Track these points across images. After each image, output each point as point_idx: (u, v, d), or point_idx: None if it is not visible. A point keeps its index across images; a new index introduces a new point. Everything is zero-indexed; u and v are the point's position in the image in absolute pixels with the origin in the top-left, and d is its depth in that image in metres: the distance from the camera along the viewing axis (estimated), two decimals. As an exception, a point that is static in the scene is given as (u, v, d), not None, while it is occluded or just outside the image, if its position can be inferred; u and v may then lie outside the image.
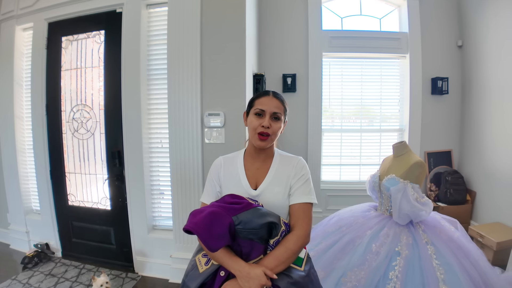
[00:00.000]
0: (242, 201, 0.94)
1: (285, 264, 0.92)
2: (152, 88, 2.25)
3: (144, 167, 2.23)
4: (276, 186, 1.04)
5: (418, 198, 1.57)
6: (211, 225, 0.85)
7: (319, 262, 1.55)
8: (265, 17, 3.11)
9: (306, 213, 1.01)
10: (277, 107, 1.05)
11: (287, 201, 1.04)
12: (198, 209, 0.94)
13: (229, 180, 1.09)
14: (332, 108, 3.33)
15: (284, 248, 0.93)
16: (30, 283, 2.16)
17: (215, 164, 1.14)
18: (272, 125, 1.04)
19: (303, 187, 1.04)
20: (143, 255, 2.32)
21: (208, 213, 0.87)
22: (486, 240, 2.33)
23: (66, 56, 2.43)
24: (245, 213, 0.89)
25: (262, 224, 0.89)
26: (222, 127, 2.06)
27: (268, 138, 1.04)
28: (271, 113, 1.04)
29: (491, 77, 2.75)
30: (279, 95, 1.09)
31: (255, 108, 1.05)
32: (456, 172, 3.03)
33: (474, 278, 1.35)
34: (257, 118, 1.04)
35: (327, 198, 3.25)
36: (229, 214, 0.88)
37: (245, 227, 0.88)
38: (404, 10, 3.18)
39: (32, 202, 2.74)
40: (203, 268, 0.97)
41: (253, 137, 1.05)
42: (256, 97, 1.09)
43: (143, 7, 2.18)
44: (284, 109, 1.08)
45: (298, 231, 0.98)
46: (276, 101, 1.06)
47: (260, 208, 0.94)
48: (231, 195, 1.01)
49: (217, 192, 1.10)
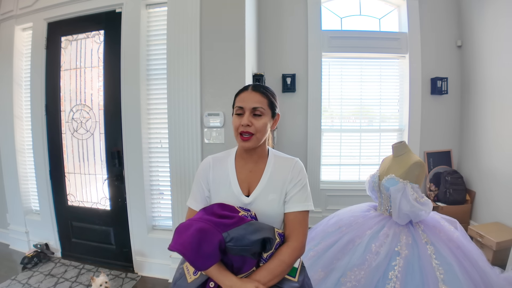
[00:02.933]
0: (233, 215, 0.86)
1: (279, 277, 0.87)
2: (151, 88, 2.25)
3: (144, 167, 2.22)
4: (271, 192, 0.96)
5: (417, 198, 1.57)
6: (199, 244, 0.77)
7: (318, 262, 1.55)
8: (265, 17, 3.12)
9: (302, 222, 0.95)
10: (258, 102, 0.94)
11: (282, 209, 0.96)
12: (184, 223, 0.85)
13: (219, 185, 0.99)
14: (331, 108, 3.34)
15: (279, 262, 0.87)
16: (29, 283, 2.16)
17: (203, 165, 1.03)
18: (254, 122, 0.93)
19: (300, 193, 0.96)
20: (143, 255, 2.32)
21: (196, 230, 0.79)
22: (486, 240, 2.33)
23: (65, 56, 2.43)
24: (237, 229, 0.81)
25: (255, 240, 0.82)
26: (222, 127, 2.06)
27: (252, 137, 0.94)
28: (250, 109, 0.93)
29: (491, 77, 2.75)
30: (260, 88, 0.97)
31: (235, 106, 0.97)
32: (455, 172, 3.04)
33: (473, 278, 1.35)
34: (238, 117, 0.95)
35: (327, 198, 3.25)
36: (219, 230, 0.80)
37: (237, 244, 0.80)
38: (403, 10, 3.18)
39: (32, 202, 2.73)
40: (191, 278, 0.90)
41: (236, 138, 0.96)
42: (237, 94, 0.99)
43: (143, 7, 2.18)
44: (269, 102, 0.96)
45: (294, 242, 0.91)
46: (256, 95, 0.94)
47: (253, 223, 0.86)
48: (221, 205, 0.92)
49: (205, 197, 1.00)
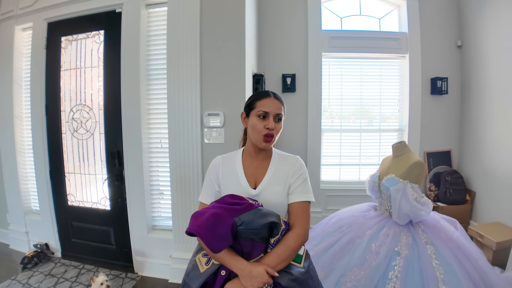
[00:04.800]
0: (243, 202, 0.94)
1: (286, 261, 0.94)
2: (151, 88, 2.25)
3: (144, 167, 2.23)
4: (276, 185, 1.05)
5: (417, 198, 1.57)
6: (214, 227, 0.86)
7: (318, 262, 1.55)
8: (265, 17, 3.11)
9: (305, 211, 1.03)
10: (279, 108, 1.06)
11: (286, 200, 1.06)
12: (199, 210, 0.94)
13: (228, 180, 1.09)
14: (331, 108, 3.34)
15: (285, 246, 0.95)
16: (29, 283, 2.16)
17: (213, 164, 1.14)
18: (276, 126, 1.05)
19: (302, 186, 1.06)
20: (143, 255, 2.32)
21: (211, 214, 0.88)
22: (486, 240, 2.33)
23: (65, 56, 2.43)
24: (247, 213, 0.90)
25: (263, 224, 0.90)
26: (222, 127, 2.06)
27: (272, 139, 1.05)
28: (275, 115, 1.05)
29: (491, 77, 2.75)
30: (278, 96, 1.10)
31: (258, 110, 1.05)
32: (455, 172, 3.04)
33: (473, 278, 1.35)
34: (260, 121, 1.04)
35: (327, 198, 3.25)
36: (231, 215, 0.89)
37: (247, 227, 0.89)
38: (403, 10, 3.18)
39: (32, 202, 2.73)
40: (203, 268, 0.97)
41: (258, 139, 1.05)
42: (257, 99, 1.08)
43: (143, 7, 2.18)
44: (284, 110, 1.09)
45: (298, 229, 0.99)
46: (277, 103, 1.06)
47: (261, 209, 0.95)
48: (231, 195, 1.00)
49: (216, 192, 1.10)
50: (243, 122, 1.13)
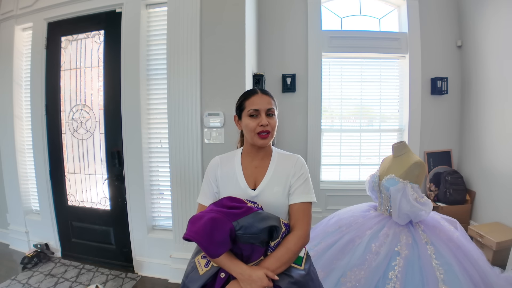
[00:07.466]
0: (242, 205, 0.92)
1: (286, 264, 0.93)
2: (151, 88, 2.25)
3: (144, 167, 2.23)
4: (276, 185, 1.03)
5: (417, 198, 1.57)
6: (211, 232, 0.84)
7: (318, 262, 1.55)
8: (265, 17, 3.11)
9: (306, 212, 1.01)
10: (269, 103, 1.04)
11: (287, 201, 1.03)
12: (196, 215, 0.92)
13: (227, 180, 1.07)
14: (331, 108, 3.34)
15: (285, 249, 0.93)
16: (29, 283, 2.16)
17: (211, 164, 1.12)
18: (270, 121, 1.03)
19: (303, 186, 1.03)
20: (143, 255, 2.32)
21: (208, 219, 0.86)
22: (486, 240, 2.33)
23: (65, 56, 2.43)
24: (246, 218, 0.88)
25: (263, 228, 0.88)
26: (222, 127, 2.06)
27: (269, 135, 1.03)
28: (266, 110, 1.03)
29: (491, 77, 2.75)
30: (266, 91, 1.08)
31: (248, 110, 1.03)
32: (455, 172, 3.04)
33: (473, 278, 1.35)
34: (253, 119, 1.02)
35: (327, 198, 3.25)
36: (229, 219, 0.87)
37: (246, 232, 0.87)
38: (403, 10, 3.18)
39: (32, 202, 2.73)
40: (203, 270, 0.96)
41: (253, 138, 1.03)
42: (245, 98, 1.06)
43: (143, 7, 2.18)
44: (274, 104, 1.07)
45: (299, 231, 0.97)
46: (266, 98, 1.05)
47: (260, 212, 0.93)
48: (230, 198, 0.99)
49: (214, 193, 1.08)
50: (237, 125, 1.11)
